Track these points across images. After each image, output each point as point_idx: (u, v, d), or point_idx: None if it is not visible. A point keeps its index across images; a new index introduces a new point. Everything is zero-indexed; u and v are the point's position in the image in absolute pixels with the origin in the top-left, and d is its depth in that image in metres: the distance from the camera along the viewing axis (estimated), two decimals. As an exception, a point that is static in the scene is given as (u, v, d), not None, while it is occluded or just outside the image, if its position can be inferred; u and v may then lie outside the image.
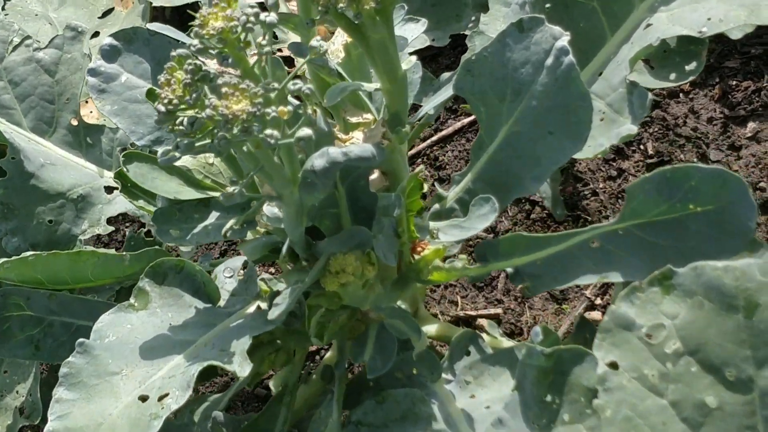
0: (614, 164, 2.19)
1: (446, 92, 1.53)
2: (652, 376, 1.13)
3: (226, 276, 1.55)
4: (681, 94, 2.24)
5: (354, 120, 1.42)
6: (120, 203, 1.88)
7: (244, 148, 1.06)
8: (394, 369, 1.48)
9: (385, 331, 1.44)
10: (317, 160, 1.13)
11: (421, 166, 1.32)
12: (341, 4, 1.12)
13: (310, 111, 1.04)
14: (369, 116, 1.43)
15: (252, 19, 0.96)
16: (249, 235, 1.48)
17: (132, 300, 1.45)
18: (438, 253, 1.40)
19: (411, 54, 1.52)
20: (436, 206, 1.56)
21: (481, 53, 1.41)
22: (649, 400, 1.10)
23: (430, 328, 1.74)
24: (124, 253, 1.56)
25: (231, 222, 1.27)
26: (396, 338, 1.43)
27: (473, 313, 2.10)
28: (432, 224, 1.43)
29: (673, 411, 1.10)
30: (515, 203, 2.19)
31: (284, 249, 1.33)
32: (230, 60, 0.98)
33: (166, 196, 1.37)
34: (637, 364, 1.13)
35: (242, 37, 0.98)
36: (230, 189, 1.03)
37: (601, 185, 2.16)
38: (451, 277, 1.40)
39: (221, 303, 1.51)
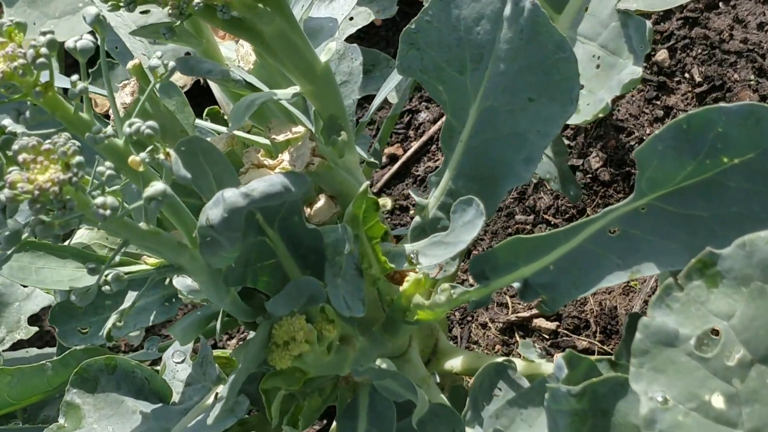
0: (658, 102, 2.04)
1: (393, 79, 1.30)
2: (717, 401, 0.92)
3: (176, 361, 1.36)
4: (720, 3, 2.00)
5: (281, 138, 1.21)
6: (41, 295, 1.67)
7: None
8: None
9: (378, 396, 1.24)
10: (211, 211, 0.94)
11: (366, 183, 1.07)
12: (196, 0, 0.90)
13: (161, 156, 0.82)
14: (300, 129, 1.20)
15: (44, 50, 0.73)
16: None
17: (61, 420, 1.25)
18: (420, 285, 1.18)
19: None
20: (417, 219, 1.36)
21: (421, 19, 1.21)
22: (718, 437, 0.90)
23: (455, 363, 1.54)
24: (45, 361, 1.35)
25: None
26: (394, 402, 1.20)
27: (527, 314, 1.94)
28: (409, 247, 1.21)
29: (753, 446, 0.89)
30: (519, 197, 2.03)
31: (218, 325, 1.11)
32: (27, 113, 0.76)
33: (61, 289, 1.16)
34: (693, 389, 0.92)
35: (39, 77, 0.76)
36: (81, 287, 0.81)
37: (648, 130, 2.01)
38: (439, 314, 1.18)
39: (174, 398, 1.34)
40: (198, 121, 1.44)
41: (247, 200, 0.96)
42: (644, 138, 1.97)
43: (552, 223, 1.99)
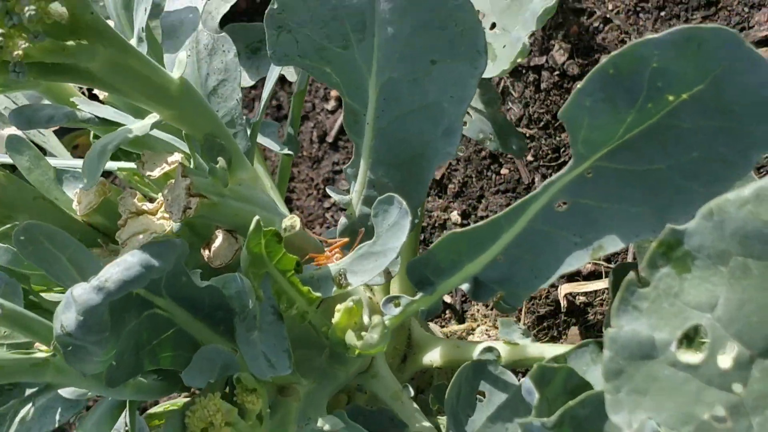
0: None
1: (273, 73, 1.13)
2: (719, 419, 0.76)
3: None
4: None
5: (157, 173, 1.04)
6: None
7: None
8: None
9: None
10: (64, 316, 0.82)
11: (256, 218, 0.91)
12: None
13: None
14: (177, 157, 1.04)
15: None
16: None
17: None
18: (353, 314, 1.02)
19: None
20: (344, 220, 1.21)
21: None
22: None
23: (434, 356, 1.41)
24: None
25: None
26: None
27: None
28: (333, 267, 1.05)
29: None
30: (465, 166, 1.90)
31: (127, 418, 0.95)
32: None
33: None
34: (687, 408, 0.78)
35: None
36: None
37: (610, 6, 1.88)
38: (381, 350, 1.01)
39: None
40: (70, 162, 1.27)
41: (102, 295, 0.81)
42: (608, 17, 1.86)
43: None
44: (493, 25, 1.17)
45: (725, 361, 0.73)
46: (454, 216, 1.90)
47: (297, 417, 1.08)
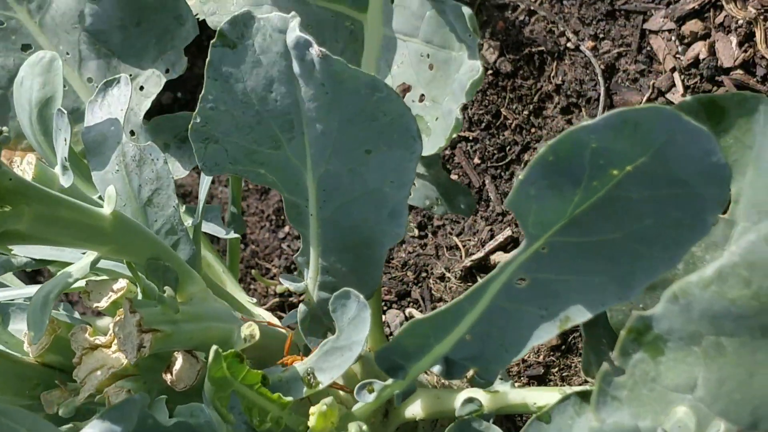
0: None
1: (205, 180, 1.12)
2: None
3: None
4: None
5: (104, 302, 1.02)
6: None
7: None
8: None
9: None
10: None
11: (213, 348, 0.89)
12: None
13: None
14: (123, 284, 1.02)
15: None
16: None
17: None
18: (328, 416, 1.00)
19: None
20: (303, 307, 1.18)
21: (204, 108, 1.05)
22: None
23: (415, 410, 1.38)
24: None
25: None
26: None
27: (481, 254, 1.84)
28: (301, 367, 1.03)
29: None
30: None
31: None
32: None
33: None
34: None
35: None
36: None
37: None
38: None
39: None
40: (18, 292, 1.25)
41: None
42: (533, 9, 1.85)
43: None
44: (422, 97, 1.16)
45: (713, 440, 0.74)
46: (411, 229, 1.90)
47: None
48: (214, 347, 0.93)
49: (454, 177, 1.87)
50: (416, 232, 1.91)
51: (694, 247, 1.04)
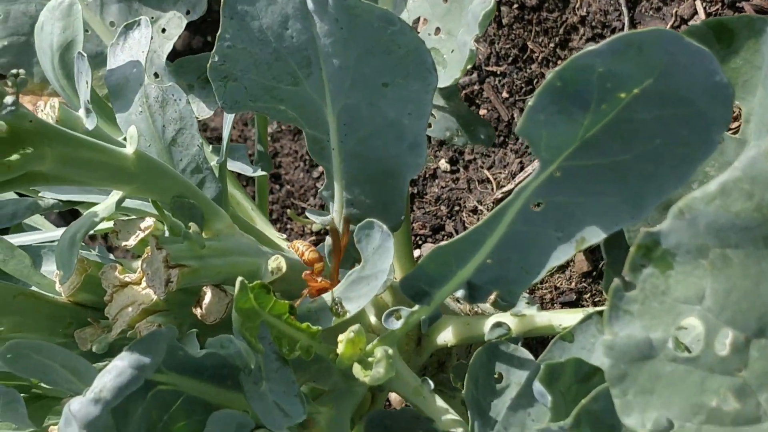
0: None
1: (228, 117, 1.15)
2: (726, 401, 0.80)
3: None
4: None
5: (132, 241, 1.07)
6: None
7: None
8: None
9: None
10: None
11: (239, 280, 0.94)
12: None
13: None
14: (150, 222, 1.06)
15: None
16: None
17: None
18: (356, 343, 1.05)
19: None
20: (329, 241, 1.20)
21: (221, 47, 1.10)
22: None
23: (447, 336, 1.45)
24: None
25: None
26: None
27: (512, 185, 1.90)
28: (328, 297, 1.07)
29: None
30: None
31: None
32: None
33: None
34: (695, 398, 0.82)
35: None
36: None
37: None
38: (386, 377, 1.04)
39: None
40: (48, 235, 1.30)
41: (100, 406, 0.84)
42: None
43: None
44: (438, 30, 1.19)
45: (722, 347, 0.77)
46: (443, 164, 1.95)
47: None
48: (240, 278, 0.98)
49: (483, 112, 1.91)
50: (448, 167, 1.95)
51: (708, 167, 1.08)
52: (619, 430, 0.92)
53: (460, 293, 1.11)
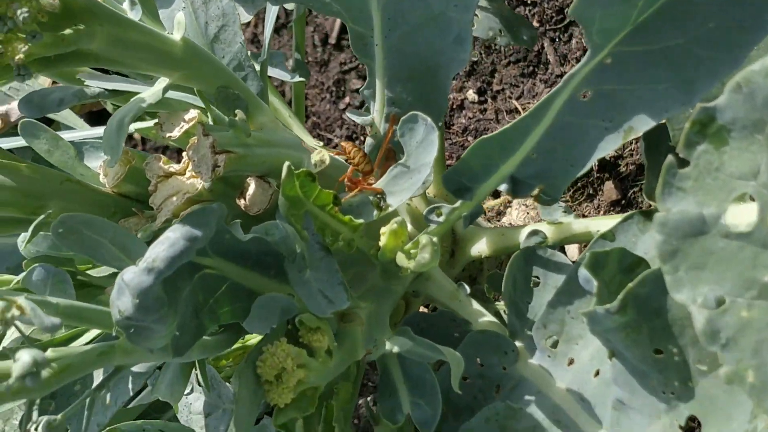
0: None
1: (272, 11, 1.15)
2: None
3: (186, 393, 1.26)
4: None
5: (177, 132, 1.07)
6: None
7: None
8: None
9: (410, 362, 1.18)
10: (119, 302, 0.85)
11: (287, 164, 0.95)
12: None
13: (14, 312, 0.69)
14: (194, 114, 1.07)
15: None
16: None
17: None
18: (398, 235, 1.05)
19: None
20: (370, 140, 1.22)
21: None
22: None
23: (481, 247, 1.45)
24: None
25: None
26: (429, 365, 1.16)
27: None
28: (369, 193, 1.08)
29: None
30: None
31: (199, 376, 1.01)
32: None
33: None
34: (747, 274, 0.82)
35: None
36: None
37: None
38: (431, 266, 1.05)
39: None
40: (88, 133, 1.31)
41: (153, 275, 0.84)
42: None
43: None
44: None
45: (777, 223, 0.77)
46: (471, 95, 1.94)
47: (364, 340, 1.12)
48: (287, 163, 0.98)
49: (512, 41, 1.91)
50: (476, 97, 1.94)
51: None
52: (666, 313, 0.93)
53: (503, 187, 1.12)
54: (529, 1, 1.87)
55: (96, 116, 2.14)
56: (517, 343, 1.20)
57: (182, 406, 1.28)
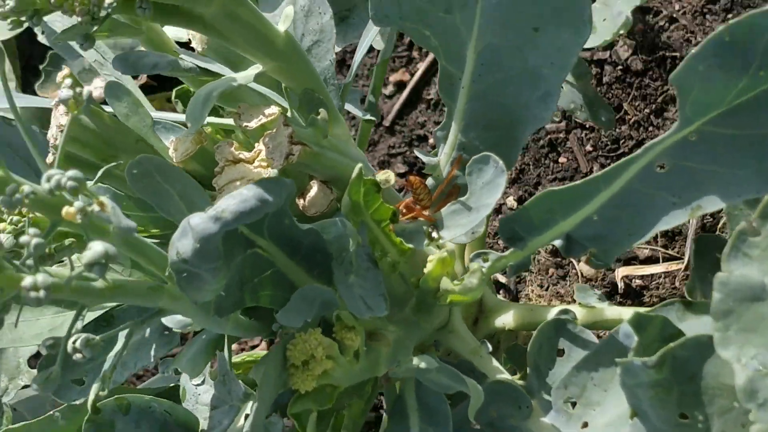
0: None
1: (370, 33, 1.19)
2: None
3: (196, 384, 1.26)
4: None
5: (254, 124, 1.10)
6: (34, 333, 1.57)
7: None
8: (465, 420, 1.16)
9: (426, 390, 1.18)
10: (180, 243, 0.86)
11: (359, 165, 0.97)
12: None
13: (94, 207, 0.71)
14: (274, 110, 1.10)
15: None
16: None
17: (76, 481, 1.17)
18: (446, 264, 1.07)
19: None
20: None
21: None
22: None
23: (506, 319, 1.46)
24: (53, 411, 1.26)
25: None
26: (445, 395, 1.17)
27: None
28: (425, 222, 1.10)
29: None
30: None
31: (226, 352, 1.02)
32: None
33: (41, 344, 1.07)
34: None
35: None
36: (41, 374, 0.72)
37: (677, 7, 1.96)
38: (475, 296, 1.07)
39: (203, 425, 1.26)
40: (161, 114, 1.33)
41: (218, 224, 0.86)
42: (674, 15, 1.93)
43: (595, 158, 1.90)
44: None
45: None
46: (510, 201, 1.96)
47: (387, 360, 1.14)
48: (359, 165, 1.01)
49: (562, 160, 1.94)
50: (515, 204, 1.96)
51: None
52: (699, 380, 0.94)
53: (557, 242, 1.13)
54: (587, 126, 1.91)
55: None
56: (533, 402, 1.21)
57: (190, 395, 1.29)
